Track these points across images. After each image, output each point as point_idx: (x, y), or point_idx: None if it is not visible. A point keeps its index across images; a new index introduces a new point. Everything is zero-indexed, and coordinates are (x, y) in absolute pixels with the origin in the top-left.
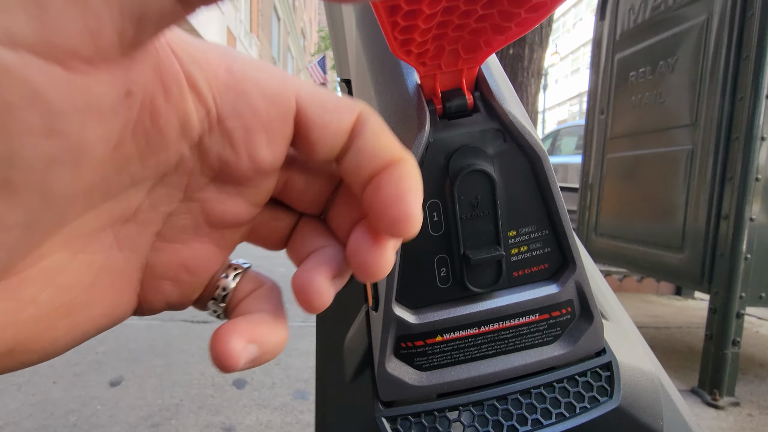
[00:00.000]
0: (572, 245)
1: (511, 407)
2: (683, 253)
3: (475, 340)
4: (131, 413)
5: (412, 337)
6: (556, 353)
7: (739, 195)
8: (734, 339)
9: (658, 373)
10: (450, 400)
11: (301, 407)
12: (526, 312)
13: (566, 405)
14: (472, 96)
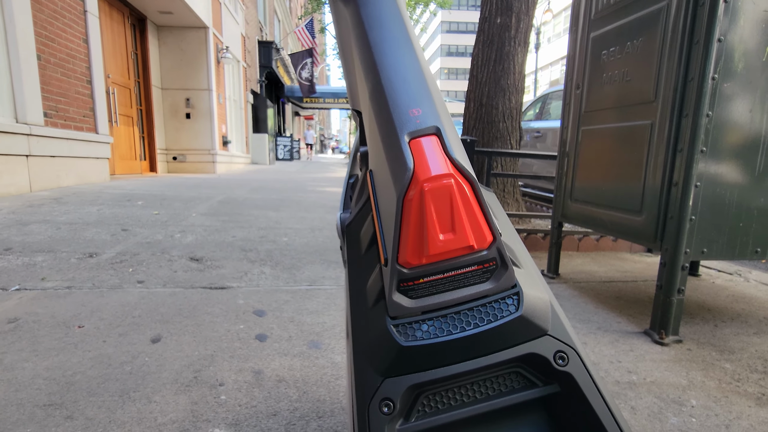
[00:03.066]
0: (493, 227)
1: (462, 317)
2: (642, 216)
3: (443, 281)
4: (175, 363)
5: (406, 280)
6: (488, 287)
7: (687, 164)
8: (679, 288)
9: (549, 297)
10: (429, 314)
11: (315, 354)
12: (470, 264)
13: (493, 315)
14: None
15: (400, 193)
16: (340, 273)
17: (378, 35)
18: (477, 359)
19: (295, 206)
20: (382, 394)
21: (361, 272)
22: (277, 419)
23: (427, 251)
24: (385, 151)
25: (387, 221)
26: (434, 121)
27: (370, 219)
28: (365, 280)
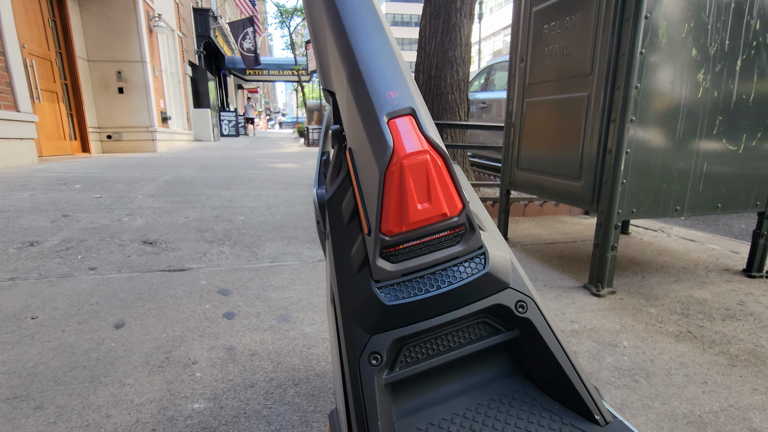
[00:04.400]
0: (462, 196)
1: (437, 276)
2: (581, 181)
3: (420, 246)
4: (143, 346)
5: (388, 247)
6: (459, 249)
7: (619, 133)
8: (613, 245)
9: (509, 255)
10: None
11: (286, 327)
12: (443, 230)
13: (464, 273)
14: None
15: (381, 169)
16: (301, 249)
17: (352, 21)
18: (451, 312)
19: (248, 184)
20: (371, 349)
21: (345, 242)
22: (254, 390)
23: (407, 220)
24: (365, 130)
25: (368, 195)
26: (409, 103)
27: (350, 193)
28: (349, 249)
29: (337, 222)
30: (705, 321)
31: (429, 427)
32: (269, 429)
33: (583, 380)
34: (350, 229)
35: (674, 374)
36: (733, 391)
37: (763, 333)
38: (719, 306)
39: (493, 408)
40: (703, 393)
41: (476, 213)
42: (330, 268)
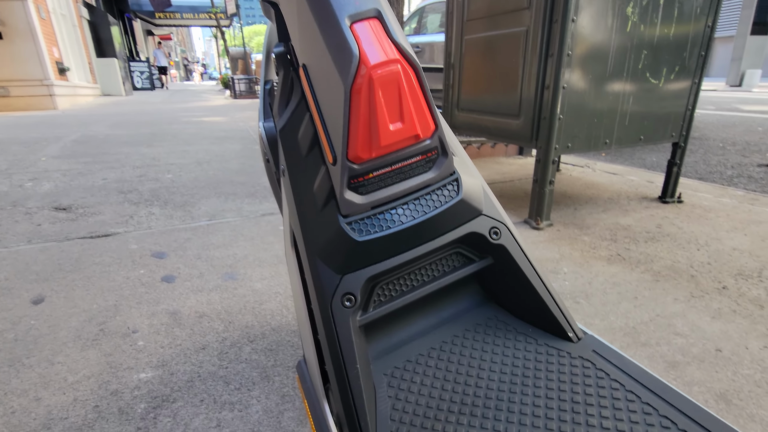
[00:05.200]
0: (435, 115)
1: (410, 207)
2: (520, 119)
3: (391, 174)
4: (71, 320)
5: (356, 176)
6: (432, 176)
7: (557, 68)
8: (550, 180)
9: (481, 181)
10: (379, 209)
11: (233, 285)
12: (415, 155)
13: (437, 200)
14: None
15: (347, 84)
16: (241, 204)
17: None
18: (426, 244)
19: (172, 140)
20: (343, 290)
21: (305, 177)
22: (207, 352)
23: (378, 143)
24: (323, 39)
25: (331, 118)
26: (373, 3)
27: (307, 120)
28: (311, 183)
29: (294, 155)
30: (631, 244)
31: (406, 365)
32: (228, 389)
33: (556, 300)
34: (310, 162)
35: (609, 293)
36: (659, 302)
37: (679, 250)
38: (641, 230)
39: (469, 338)
40: (634, 307)
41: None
42: (289, 208)
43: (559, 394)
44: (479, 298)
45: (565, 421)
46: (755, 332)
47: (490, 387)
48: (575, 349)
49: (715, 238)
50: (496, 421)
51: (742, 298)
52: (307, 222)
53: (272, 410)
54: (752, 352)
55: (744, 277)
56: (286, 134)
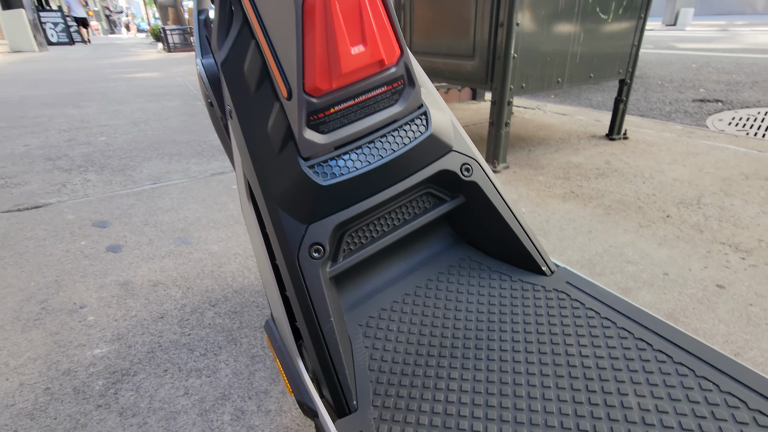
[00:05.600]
0: (400, 39)
1: (377, 145)
2: (474, 59)
3: (354, 108)
4: (6, 300)
5: (316, 112)
6: (398, 109)
7: (510, 5)
8: (506, 122)
9: (449, 115)
10: (343, 149)
11: (188, 250)
12: (380, 86)
13: (406, 138)
14: None
15: (298, 3)
16: (187, 165)
17: None
18: (395, 185)
19: (102, 99)
20: (310, 240)
21: (257, 116)
22: (166, 320)
23: (338, 70)
24: None
25: (282, 45)
26: None
27: (253, 50)
28: (263, 123)
29: (241, 92)
30: (582, 181)
31: (381, 313)
32: (193, 356)
33: (529, 235)
34: (261, 98)
35: (565, 229)
36: (611, 234)
37: (626, 184)
38: (592, 167)
39: (444, 280)
40: (589, 240)
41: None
42: (241, 155)
43: (537, 327)
44: (451, 240)
45: (545, 353)
46: (696, 255)
47: (468, 327)
48: (549, 283)
49: (658, 171)
50: (477, 360)
51: (684, 225)
52: (263, 168)
53: (242, 372)
54: (694, 273)
55: (685, 205)
56: (230, 68)
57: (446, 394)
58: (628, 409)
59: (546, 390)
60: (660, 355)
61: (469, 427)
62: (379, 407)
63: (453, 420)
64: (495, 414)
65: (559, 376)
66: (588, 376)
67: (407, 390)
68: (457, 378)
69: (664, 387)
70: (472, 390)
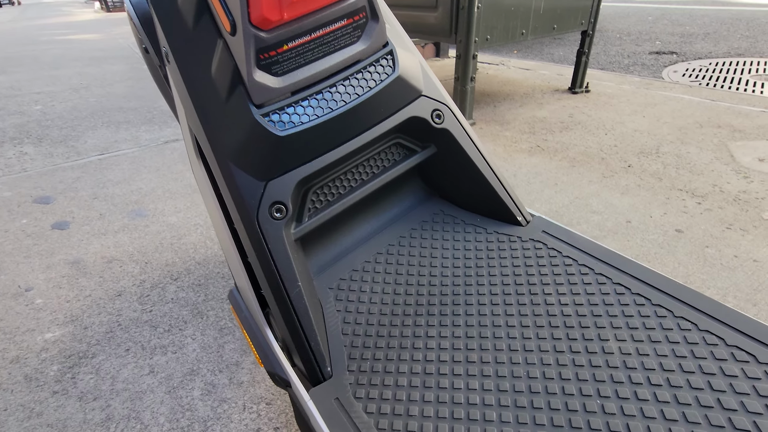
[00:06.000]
0: None
1: (339, 89)
2: (437, 11)
3: (310, 45)
4: None
5: (266, 49)
6: (362, 47)
7: None
8: (471, 76)
9: (419, 58)
10: (302, 94)
11: (144, 223)
12: (339, 18)
13: (371, 80)
14: None
15: None
16: (137, 133)
17: None
18: (362, 135)
19: (33, 64)
20: (270, 199)
21: (197, 57)
22: (125, 298)
23: None
24: None
25: None
26: None
27: None
28: (206, 66)
29: (178, 30)
30: (548, 135)
31: (353, 275)
32: (156, 333)
33: (504, 185)
34: (200, 36)
35: (533, 182)
36: (576, 186)
37: (590, 136)
38: (556, 121)
39: (417, 236)
40: (555, 193)
41: None
42: (184, 105)
43: (515, 279)
44: (423, 194)
45: (524, 304)
46: (656, 202)
47: (444, 284)
48: (526, 233)
49: (619, 122)
50: (455, 317)
51: (644, 173)
52: (210, 119)
53: (211, 345)
54: (655, 219)
55: (645, 155)
56: (162, 3)
57: (424, 354)
58: (609, 354)
59: (527, 341)
60: (638, 298)
61: (449, 385)
62: (355, 372)
63: (432, 379)
64: (476, 370)
65: (539, 327)
66: (568, 324)
67: (383, 352)
68: (435, 336)
69: (643, 330)
70: (451, 347)
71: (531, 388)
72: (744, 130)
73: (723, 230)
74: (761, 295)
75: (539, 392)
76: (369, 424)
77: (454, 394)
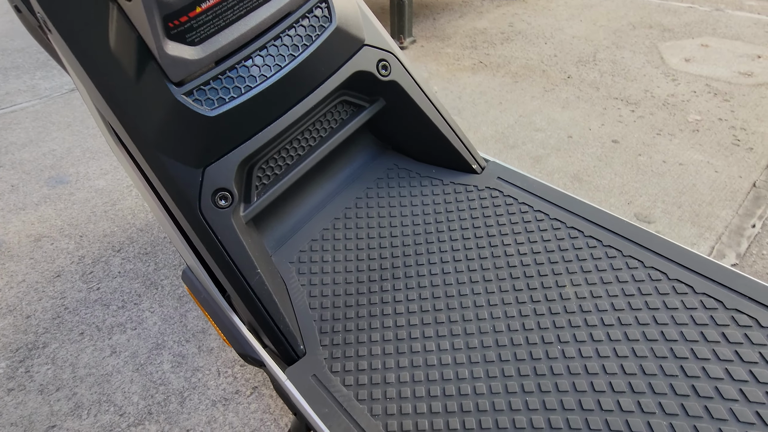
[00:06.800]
0: None
1: (271, 52)
2: None
3: (227, 2)
4: None
5: (175, 14)
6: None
7: None
8: None
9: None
10: (227, 62)
11: (67, 190)
12: None
13: (306, 37)
14: None
15: None
16: (32, 81)
17: None
18: (303, 101)
19: None
20: (211, 187)
21: (87, 27)
22: (66, 278)
23: None
24: None
25: None
26: None
27: None
28: (102, 38)
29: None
30: (489, 48)
31: (312, 245)
32: (110, 311)
33: (456, 132)
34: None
35: (478, 104)
36: (519, 103)
37: (531, 47)
38: (497, 32)
39: (373, 196)
40: (500, 113)
41: None
42: (84, 86)
43: (475, 232)
44: (375, 149)
45: (485, 257)
46: (595, 113)
47: (406, 243)
48: (481, 181)
49: (558, 29)
50: (420, 277)
51: (583, 84)
52: (121, 103)
53: (172, 316)
54: (594, 132)
55: (583, 63)
56: None
57: (394, 319)
58: (566, 300)
59: (491, 296)
60: (591, 240)
61: (422, 348)
62: (328, 346)
63: (405, 344)
64: (445, 330)
65: (501, 279)
66: (528, 273)
67: (354, 322)
68: (403, 300)
69: (596, 272)
70: (419, 310)
71: (498, 341)
72: (673, 29)
73: (654, 136)
74: (685, 198)
75: (506, 345)
76: (349, 396)
77: (427, 357)
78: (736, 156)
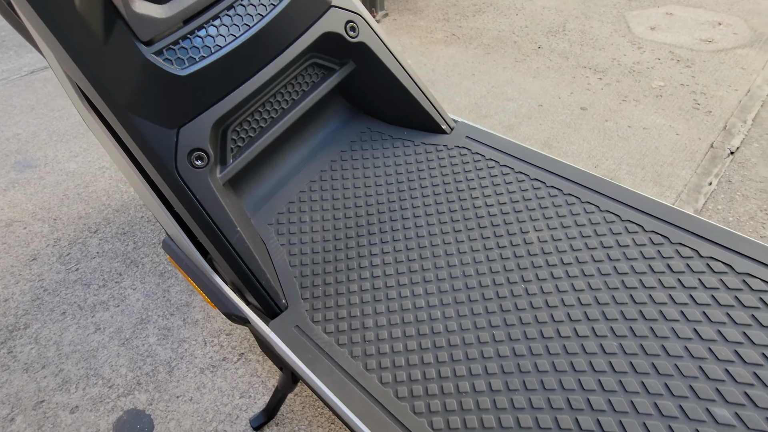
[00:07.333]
0: None
1: (239, 12)
2: None
3: None
4: None
5: None
6: None
7: None
8: None
9: None
10: (195, 21)
11: (36, 175)
12: None
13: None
14: None
15: None
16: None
17: None
18: (274, 61)
19: None
20: (187, 147)
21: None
22: (42, 260)
23: None
24: None
25: None
26: None
27: None
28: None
29: None
30: (462, 21)
31: (290, 207)
32: (91, 290)
33: (426, 93)
34: None
35: (451, 75)
36: (492, 75)
37: (502, 19)
38: (469, 4)
39: (347, 158)
40: (473, 84)
41: None
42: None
43: (445, 188)
44: (348, 113)
45: (455, 211)
46: (564, 82)
47: (380, 201)
48: (450, 140)
49: (528, 0)
50: (394, 232)
51: (552, 54)
52: (90, 63)
53: (154, 292)
54: (563, 100)
55: (553, 33)
56: None
57: (371, 271)
58: (530, 245)
59: (460, 245)
60: (552, 190)
61: (397, 295)
62: (309, 299)
63: (381, 292)
64: (419, 278)
65: (470, 230)
66: (494, 223)
67: (332, 276)
68: (378, 254)
69: (557, 218)
70: (394, 260)
71: (467, 284)
72: None
73: (620, 103)
74: (648, 159)
75: (474, 287)
76: (330, 342)
77: (402, 302)
78: (696, 119)
